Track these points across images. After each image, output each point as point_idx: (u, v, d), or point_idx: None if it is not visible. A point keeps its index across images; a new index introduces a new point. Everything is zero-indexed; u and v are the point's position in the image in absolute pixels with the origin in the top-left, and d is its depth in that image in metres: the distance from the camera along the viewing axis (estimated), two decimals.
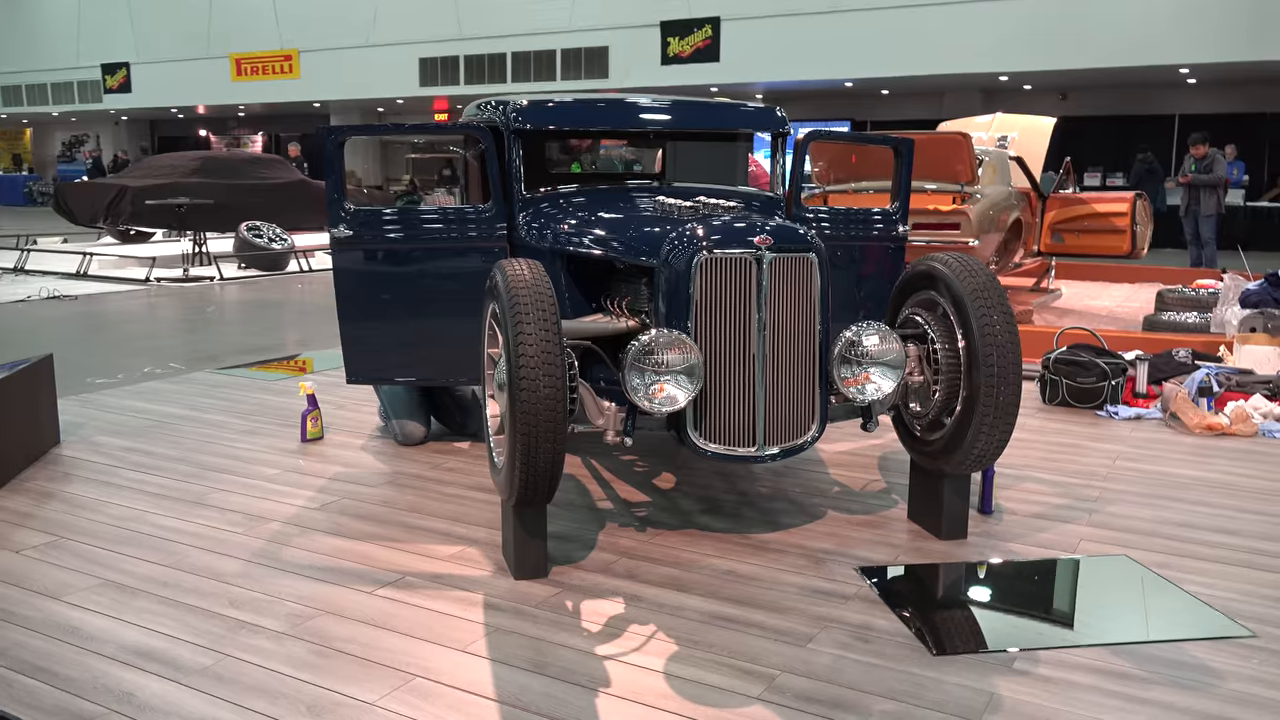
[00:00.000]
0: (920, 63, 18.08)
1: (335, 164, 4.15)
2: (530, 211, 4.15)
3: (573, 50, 21.30)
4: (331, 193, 4.16)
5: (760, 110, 4.43)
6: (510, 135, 4.16)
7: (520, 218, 4.15)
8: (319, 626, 2.79)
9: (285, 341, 7.66)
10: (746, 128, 4.43)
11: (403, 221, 4.18)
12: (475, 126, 4.20)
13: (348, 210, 4.18)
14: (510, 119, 4.16)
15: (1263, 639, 2.72)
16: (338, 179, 4.18)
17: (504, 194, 4.16)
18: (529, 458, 2.83)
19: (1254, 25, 15.24)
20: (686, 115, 4.39)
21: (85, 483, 4.06)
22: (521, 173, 4.17)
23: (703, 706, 2.38)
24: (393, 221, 4.18)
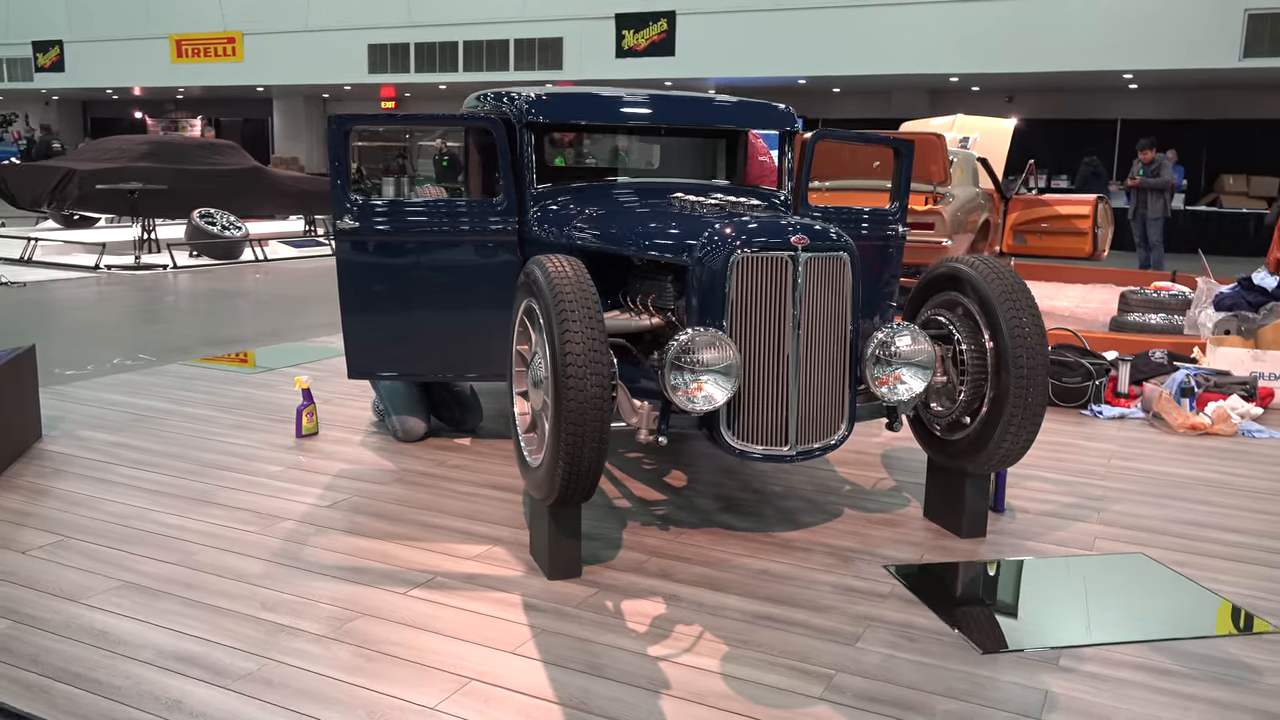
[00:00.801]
0: (872, 62, 18.29)
1: (340, 153, 4.06)
2: (542, 205, 4.10)
3: (526, 41, 21.13)
4: (336, 183, 4.07)
5: (770, 107, 4.43)
6: (522, 128, 4.11)
7: (531, 211, 4.10)
8: (360, 629, 2.73)
9: (254, 333, 7.48)
10: (756, 125, 4.43)
11: (410, 214, 4.11)
12: (487, 118, 4.14)
13: (354, 201, 4.09)
14: (523, 111, 4.10)
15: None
16: (343, 169, 4.09)
17: (515, 187, 4.10)
18: (574, 457, 2.79)
19: (1194, 33, 15.69)
20: (698, 111, 4.38)
21: (79, 479, 3.92)
22: (534, 166, 4.12)
23: (767, 708, 2.38)
24: (400, 214, 4.10)
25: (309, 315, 8.38)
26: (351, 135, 4.08)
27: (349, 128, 4.05)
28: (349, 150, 4.08)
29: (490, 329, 4.17)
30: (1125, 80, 17.95)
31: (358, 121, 4.17)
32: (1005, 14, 16.93)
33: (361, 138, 28.09)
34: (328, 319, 8.13)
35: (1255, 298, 5.58)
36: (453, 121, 4.63)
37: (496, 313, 4.15)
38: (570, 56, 20.81)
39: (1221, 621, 2.90)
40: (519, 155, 4.12)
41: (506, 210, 4.11)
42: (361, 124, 4.27)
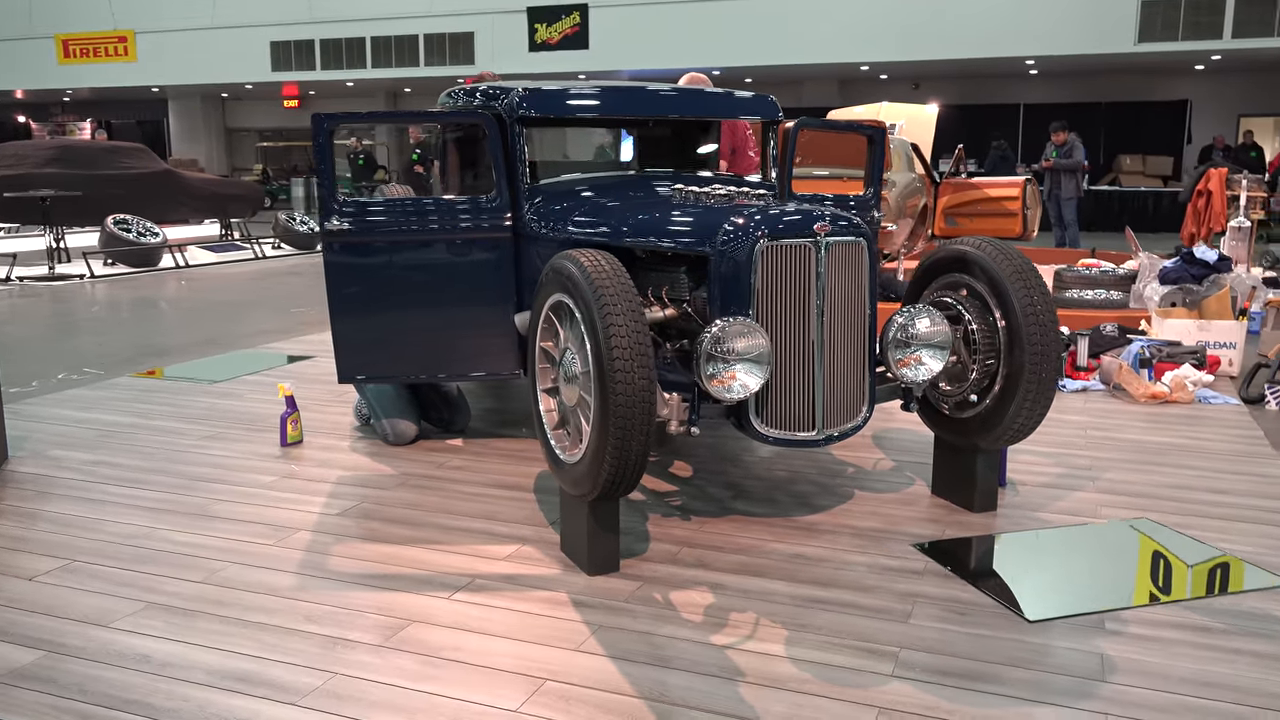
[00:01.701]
0: (784, 52, 18.54)
1: (326, 153, 3.96)
2: (537, 201, 4.06)
3: (436, 35, 20.82)
4: (324, 183, 3.97)
5: (756, 98, 4.47)
6: (514, 122, 4.06)
7: (526, 207, 4.05)
8: (415, 636, 2.67)
9: (192, 341, 7.21)
10: (743, 115, 4.46)
11: (401, 213, 4.03)
12: (479, 113, 4.07)
13: (341, 202, 3.99)
14: (516, 106, 4.05)
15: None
16: (329, 169, 3.99)
17: (509, 183, 4.05)
18: (622, 451, 2.78)
19: (1091, 20, 16.33)
20: (687, 103, 4.39)
21: (66, 500, 3.74)
22: (526, 162, 4.08)
23: (845, 688, 2.41)
24: (391, 213, 4.02)
25: (247, 322, 8.14)
26: (335, 135, 3.99)
27: (334, 127, 3.95)
28: (333, 150, 3.98)
29: (485, 327, 4.12)
30: (1027, 66, 18.58)
31: (343, 121, 4.07)
32: (912, 3, 17.34)
33: (265, 138, 27.39)
34: (268, 325, 7.91)
35: (1198, 270, 5.86)
36: (442, 118, 4.54)
37: (492, 310, 4.11)
38: (482, 51, 20.58)
39: (1236, 578, 3.04)
40: (511, 151, 4.07)
41: (500, 207, 4.06)
42: (346, 123, 4.17)
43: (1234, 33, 15.69)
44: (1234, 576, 3.05)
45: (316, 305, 8.94)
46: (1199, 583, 3.00)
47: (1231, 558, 3.19)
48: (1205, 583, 3.00)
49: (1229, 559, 3.18)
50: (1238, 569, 3.10)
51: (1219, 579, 3.03)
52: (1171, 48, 16.17)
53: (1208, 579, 3.03)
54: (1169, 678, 2.46)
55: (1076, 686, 2.42)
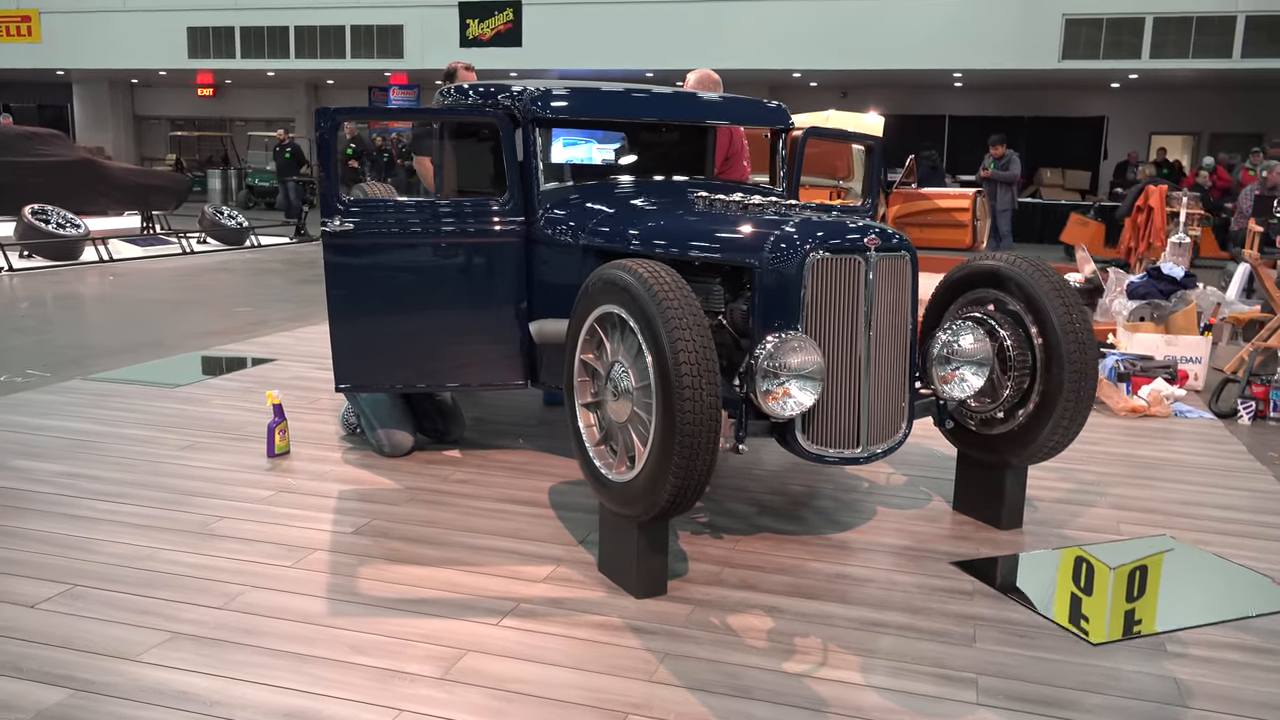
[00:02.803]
0: (717, 57, 18.54)
1: (329, 149, 3.77)
2: (553, 205, 3.92)
3: (364, 27, 20.32)
4: (326, 181, 3.77)
5: (764, 105, 4.41)
6: (529, 123, 3.92)
7: (541, 211, 3.92)
8: (474, 667, 2.53)
9: (136, 342, 6.83)
10: (753, 122, 4.39)
11: (408, 214, 3.86)
12: (493, 112, 3.92)
13: (345, 202, 3.81)
14: (531, 106, 3.91)
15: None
16: (332, 165, 3.79)
17: (521, 186, 3.92)
18: (687, 470, 2.68)
19: (1018, 36, 16.77)
20: (699, 109, 4.31)
21: (47, 517, 3.48)
22: (540, 164, 3.94)
23: (934, 717, 2.36)
24: (397, 214, 3.84)
25: (191, 322, 7.77)
26: (340, 129, 3.80)
27: (337, 121, 3.76)
28: (337, 145, 3.79)
29: (493, 335, 3.98)
30: (954, 79, 18.99)
31: (347, 115, 3.87)
32: (845, 13, 17.58)
33: (177, 127, 26.40)
34: (214, 325, 7.58)
35: (1165, 286, 6.02)
36: (456, 115, 4.35)
37: (501, 318, 3.97)
38: (411, 45, 20.17)
39: (1270, 597, 3.09)
40: (526, 152, 3.93)
41: (513, 210, 3.92)
42: (351, 117, 3.98)
43: (1151, 54, 16.29)
44: (1269, 596, 3.10)
45: (260, 305, 8.60)
46: (1240, 603, 3.04)
47: (1262, 576, 3.24)
48: (1246, 602, 3.04)
49: (1259, 577, 3.23)
50: (1271, 588, 3.15)
51: (1257, 598, 3.07)
52: (1093, 65, 16.71)
53: (1246, 598, 3.07)
54: (1241, 701, 2.47)
55: (1157, 712, 2.41)
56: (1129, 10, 16.18)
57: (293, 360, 6.17)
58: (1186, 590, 3.14)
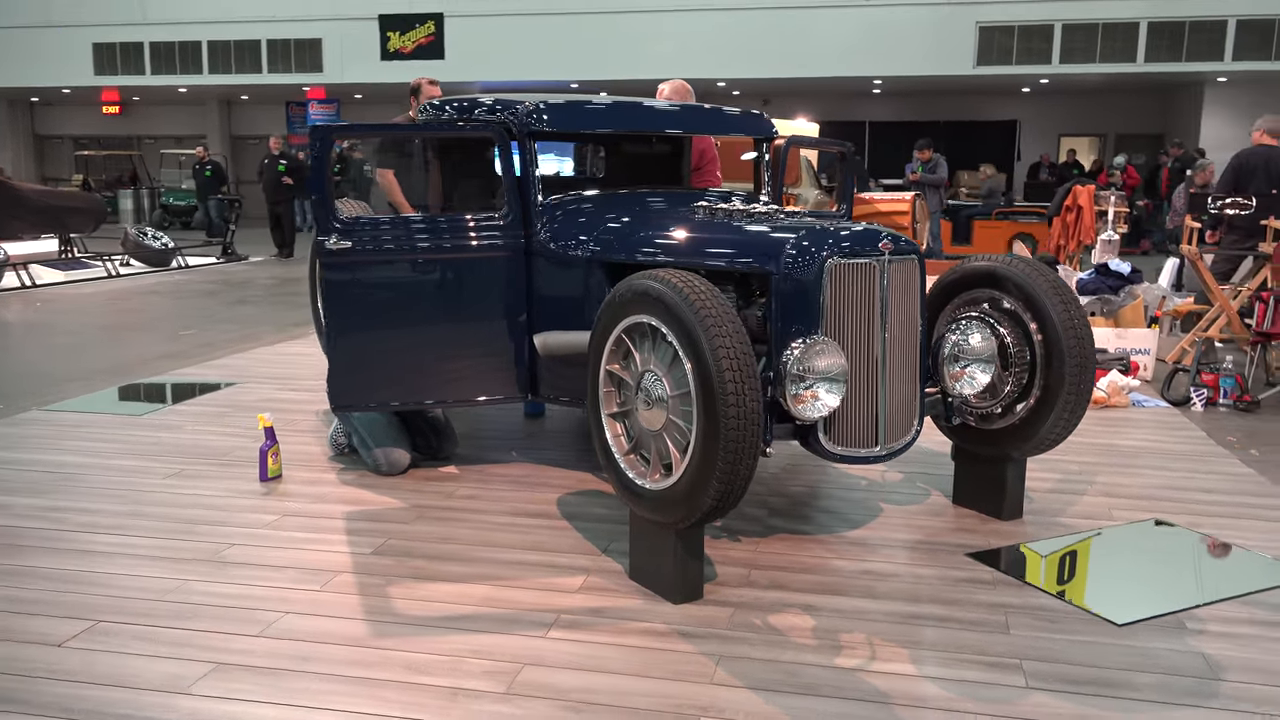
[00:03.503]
0: (640, 66, 18.70)
1: (323, 166, 3.72)
2: (551, 217, 3.94)
3: (280, 41, 19.93)
4: (320, 199, 3.73)
5: (752, 116, 4.50)
6: (525, 136, 3.93)
7: (540, 224, 3.93)
8: (535, 680, 2.53)
9: (90, 370, 6.61)
10: (741, 132, 4.47)
11: (406, 231, 3.83)
12: (490, 126, 3.92)
13: (342, 220, 3.76)
14: (528, 120, 3.92)
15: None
16: (327, 184, 3.75)
17: (520, 199, 3.92)
18: (731, 474, 2.73)
19: (934, 44, 17.27)
20: (688, 119, 4.37)
21: (48, 553, 3.36)
22: (538, 176, 3.95)
23: (997, 704, 2.44)
24: (395, 231, 3.82)
25: (138, 346, 7.54)
26: (334, 147, 3.75)
27: (333, 138, 3.72)
28: (331, 163, 3.75)
29: (494, 349, 3.97)
30: (874, 85, 19.45)
31: (341, 133, 3.83)
32: (767, 22, 17.87)
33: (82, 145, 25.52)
34: (162, 350, 7.37)
35: (1114, 282, 6.28)
36: (451, 131, 4.31)
37: (502, 331, 3.97)
38: (331, 59, 19.86)
39: (1266, 572, 3.26)
40: (524, 165, 3.93)
41: (512, 223, 3.92)
42: (346, 134, 3.93)
43: (1061, 59, 16.93)
44: (1264, 571, 3.27)
45: (204, 328, 8.39)
46: (1243, 578, 3.20)
47: (1256, 553, 3.41)
48: (1248, 578, 3.20)
49: (1252, 554, 3.40)
50: (1267, 564, 3.33)
51: (1256, 574, 3.24)
52: (1006, 71, 17.29)
53: (1247, 574, 3.24)
54: (1270, 671, 2.61)
55: (1199, 687, 2.53)
56: (1039, 18, 16.79)
57: (255, 383, 6.04)
58: (1192, 569, 3.29)
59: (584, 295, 3.85)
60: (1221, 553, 3.43)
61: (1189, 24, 16.42)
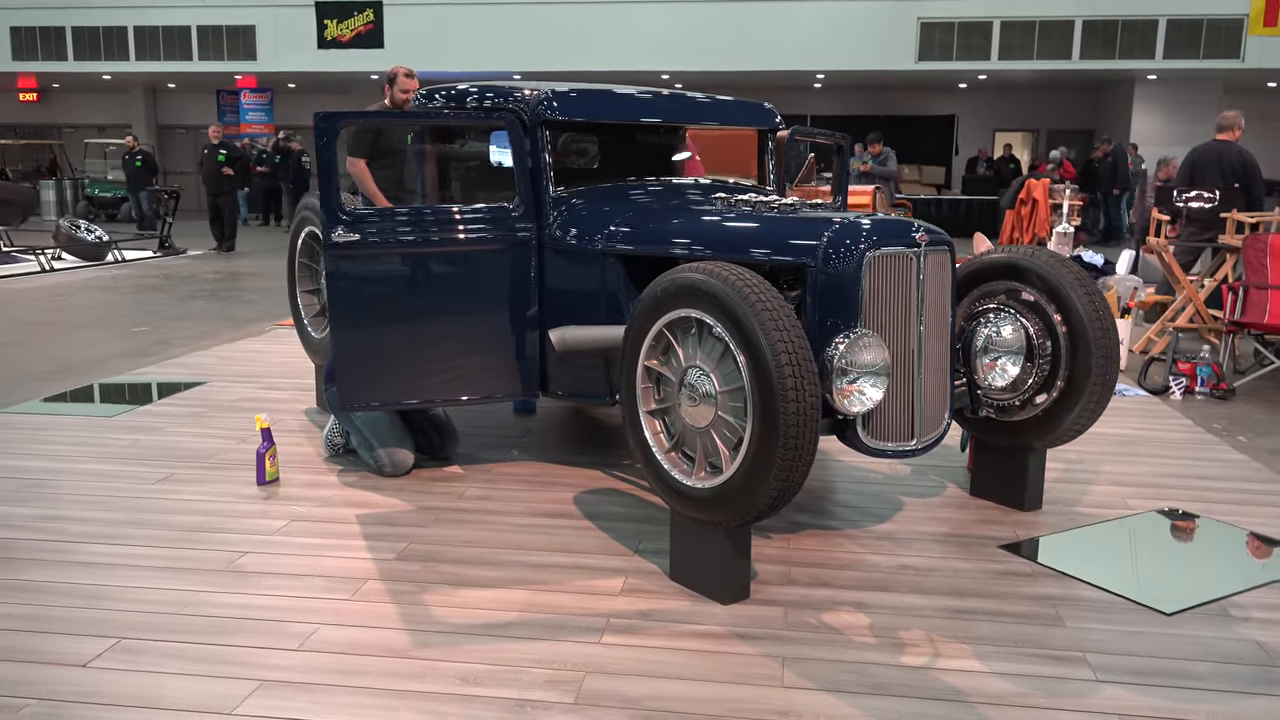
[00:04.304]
0: (584, 59, 18.57)
1: (329, 156, 3.57)
2: (564, 209, 3.83)
3: (212, 28, 19.29)
4: (327, 190, 3.58)
5: (758, 107, 4.44)
6: (537, 126, 3.82)
7: (553, 216, 3.82)
8: (601, 688, 2.44)
9: (44, 370, 6.30)
10: (748, 123, 4.41)
11: (415, 223, 3.69)
12: (501, 115, 3.79)
13: (348, 211, 3.61)
14: (540, 109, 3.81)
15: None
16: (333, 174, 3.60)
17: (532, 190, 3.81)
18: (791, 470, 2.67)
19: (877, 39, 17.44)
20: (697, 110, 4.30)
21: (46, 566, 3.16)
22: (550, 168, 3.84)
23: (1072, 697, 2.43)
24: (404, 223, 3.68)
25: (91, 345, 7.20)
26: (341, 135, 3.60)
27: (339, 126, 3.57)
28: (336, 153, 3.59)
29: (506, 345, 3.86)
30: (816, 80, 19.59)
31: (348, 120, 3.68)
32: (711, 16, 17.87)
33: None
34: (116, 348, 7.07)
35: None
36: (459, 120, 4.15)
37: (513, 327, 3.86)
38: (265, 46, 19.30)
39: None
40: (536, 156, 3.82)
41: (524, 215, 3.81)
42: (353, 122, 3.77)
43: (1000, 55, 17.23)
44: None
45: (157, 324, 8.06)
46: (1270, 565, 3.25)
47: (1270, 537, 3.47)
48: (1275, 564, 3.25)
49: (1272, 538, 3.46)
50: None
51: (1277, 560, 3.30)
52: (947, 67, 17.54)
53: (1267, 561, 3.29)
54: None
55: (1261, 674, 2.55)
56: (979, 14, 17.05)
57: (226, 381, 5.81)
58: (1221, 557, 3.33)
59: (599, 289, 3.75)
60: (1248, 540, 3.48)
61: (1122, 23, 16.83)
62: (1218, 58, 16.70)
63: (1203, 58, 16.75)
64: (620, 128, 4.29)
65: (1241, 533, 3.54)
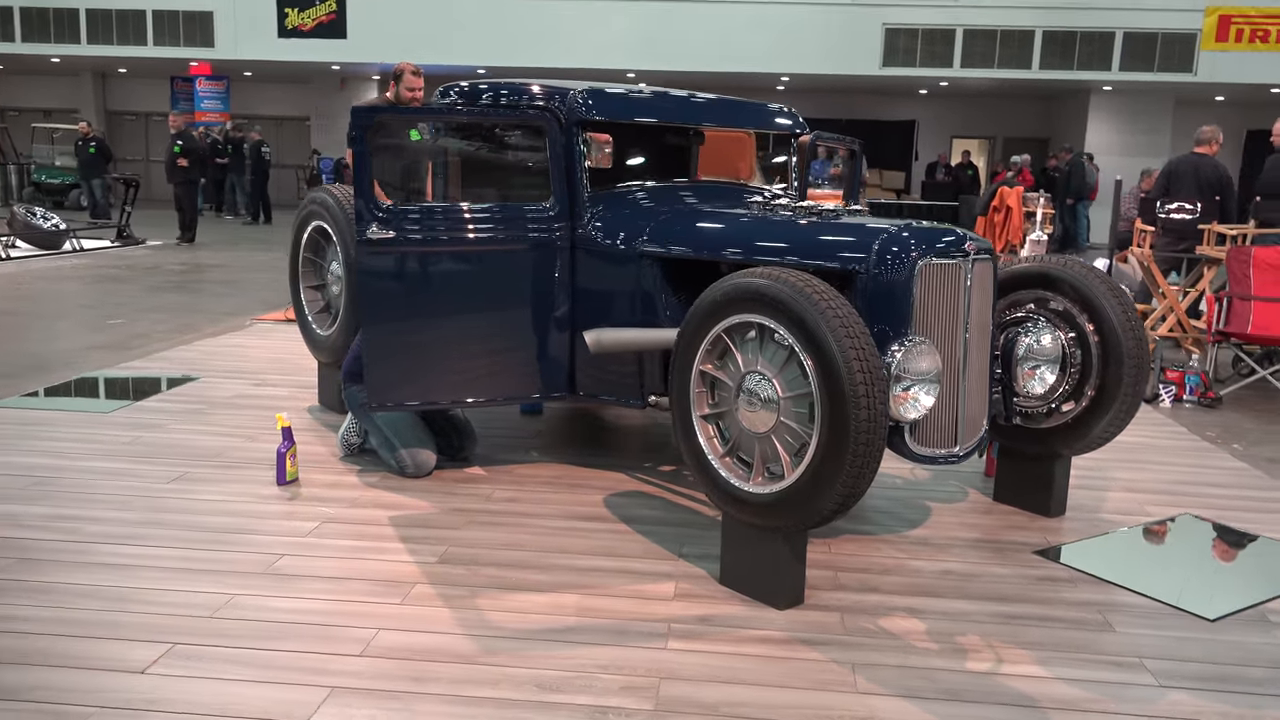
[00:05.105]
0: (551, 54, 18.47)
1: (364, 150, 3.50)
2: (600, 210, 3.81)
3: (168, 12, 18.86)
4: (362, 187, 3.51)
5: (784, 110, 4.46)
6: (575, 126, 3.79)
7: (588, 216, 3.79)
8: (679, 694, 2.43)
9: (19, 365, 6.10)
10: (775, 128, 4.42)
11: (448, 222, 3.64)
12: (536, 115, 3.75)
13: (383, 208, 3.55)
14: (577, 108, 3.78)
15: None
16: (369, 170, 3.53)
17: (568, 190, 3.78)
18: (859, 475, 2.68)
19: (844, 44, 17.63)
20: (727, 113, 4.30)
21: (78, 568, 3.06)
22: (585, 168, 3.81)
23: (1139, 703, 2.47)
24: (440, 221, 3.63)
25: (65, 338, 7.00)
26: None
27: (376, 121, 3.50)
28: (370, 149, 3.53)
29: (540, 343, 3.83)
30: (780, 82, 19.72)
31: (387, 115, 3.62)
32: (680, 16, 17.90)
33: None
34: (92, 341, 6.88)
35: None
36: (496, 116, 4.08)
37: (546, 326, 3.83)
38: (223, 33, 18.91)
39: None
40: (571, 156, 3.79)
41: (559, 215, 3.78)
42: (389, 117, 3.71)
43: (962, 63, 17.51)
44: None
45: (131, 317, 7.86)
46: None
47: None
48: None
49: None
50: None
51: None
52: (910, 73, 17.78)
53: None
54: None
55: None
56: (942, 22, 17.31)
57: (218, 377, 5.67)
58: (1249, 564, 3.41)
59: (634, 290, 3.74)
60: (1271, 548, 3.57)
61: (1080, 34, 17.20)
62: (1171, 71, 17.16)
63: (1157, 70, 17.19)
64: (649, 129, 4.27)
65: (1265, 540, 3.63)
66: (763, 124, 4.45)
